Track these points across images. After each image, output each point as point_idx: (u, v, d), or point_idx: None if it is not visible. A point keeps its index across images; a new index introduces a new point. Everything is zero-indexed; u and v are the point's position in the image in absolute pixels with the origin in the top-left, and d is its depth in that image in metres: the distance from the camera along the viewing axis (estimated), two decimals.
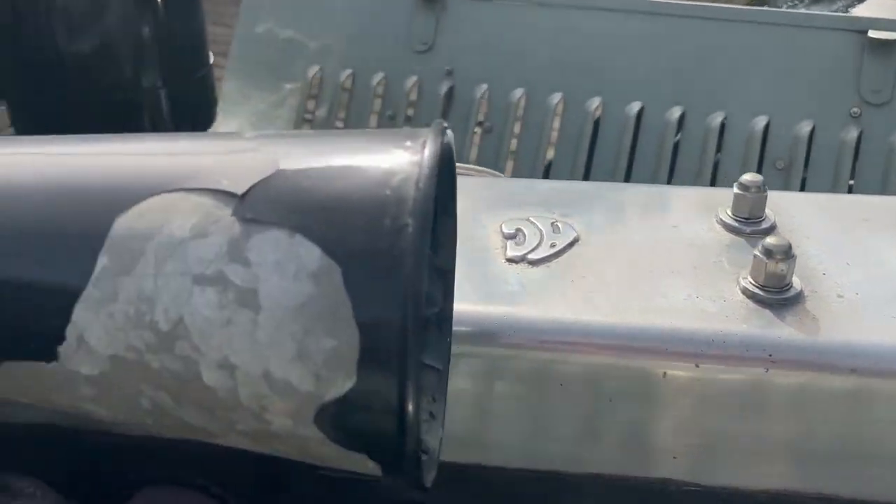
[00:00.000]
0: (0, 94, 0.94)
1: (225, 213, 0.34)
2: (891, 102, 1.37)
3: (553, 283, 0.60)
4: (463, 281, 0.54)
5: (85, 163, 0.36)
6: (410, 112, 1.63)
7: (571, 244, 0.64)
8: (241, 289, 0.33)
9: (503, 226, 0.66)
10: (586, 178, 1.50)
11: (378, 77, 1.63)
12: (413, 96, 1.62)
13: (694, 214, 0.69)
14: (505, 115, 1.54)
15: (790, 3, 1.82)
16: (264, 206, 0.33)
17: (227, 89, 1.62)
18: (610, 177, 1.47)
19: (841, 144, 1.38)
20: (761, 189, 0.66)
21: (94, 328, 0.34)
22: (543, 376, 0.57)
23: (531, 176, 1.52)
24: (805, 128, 1.41)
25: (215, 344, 0.33)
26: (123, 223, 0.34)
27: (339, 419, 0.34)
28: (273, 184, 0.34)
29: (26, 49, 0.96)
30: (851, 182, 1.37)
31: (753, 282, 0.59)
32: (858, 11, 1.66)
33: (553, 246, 0.64)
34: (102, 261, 0.34)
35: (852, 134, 1.37)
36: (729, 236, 0.66)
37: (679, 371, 0.57)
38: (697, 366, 0.55)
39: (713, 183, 1.44)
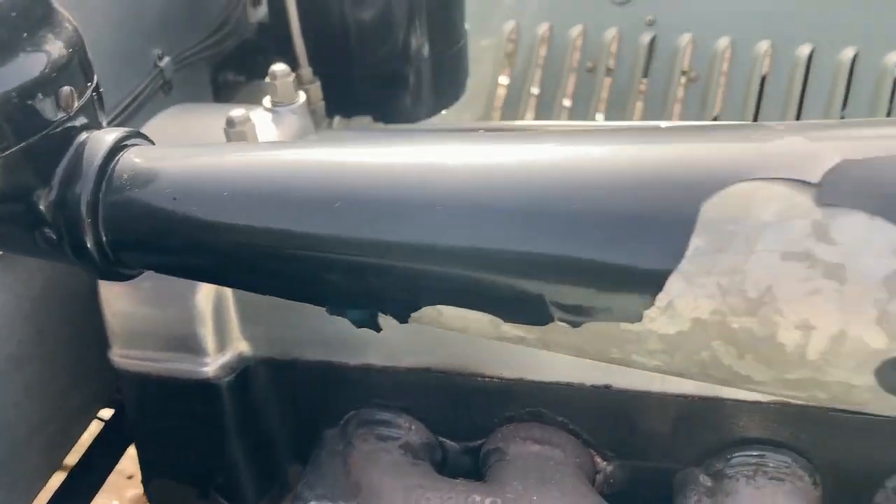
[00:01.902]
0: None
1: (804, 199, 0.40)
2: None
3: None
4: None
5: (655, 156, 0.43)
6: (611, 63, 1.66)
7: None
8: (828, 263, 0.39)
9: None
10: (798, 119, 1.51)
11: (577, 29, 1.67)
12: (613, 48, 1.65)
13: None
14: (711, 65, 1.56)
15: None
16: (841, 192, 0.39)
17: None
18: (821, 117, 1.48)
19: None
20: None
21: (685, 295, 0.41)
22: None
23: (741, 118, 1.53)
24: None
25: (798, 309, 0.40)
26: (711, 209, 0.41)
27: None
28: (841, 172, 0.40)
29: (319, 22, 1.04)
30: None
31: None
32: None
33: None
34: (696, 241, 0.41)
35: None
36: None
37: None
38: None
39: None
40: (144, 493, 0.88)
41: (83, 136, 0.56)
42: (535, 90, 1.72)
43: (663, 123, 0.78)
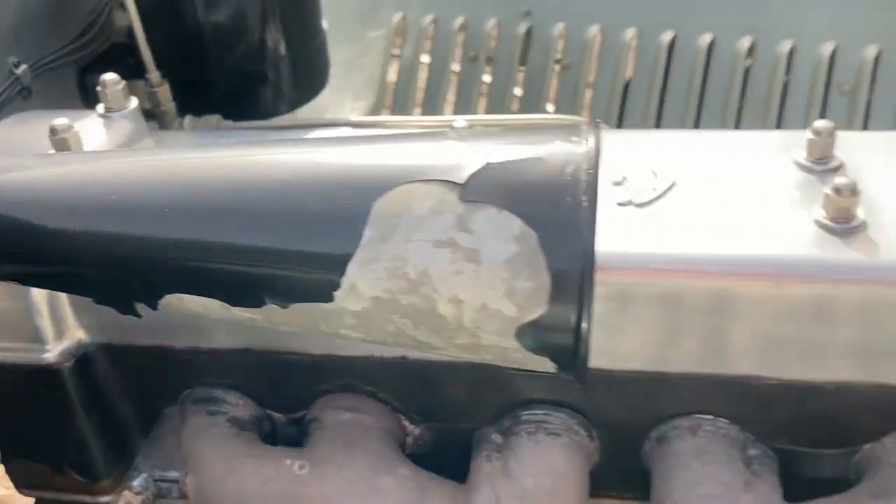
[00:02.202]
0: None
1: (451, 197, 0.48)
2: None
3: (650, 222, 0.73)
4: None
5: (342, 161, 0.51)
6: (492, 52, 1.74)
7: (670, 188, 0.77)
8: (468, 249, 0.47)
9: (610, 174, 0.79)
10: (660, 108, 1.60)
11: (458, 21, 1.74)
12: (493, 37, 1.72)
13: (773, 156, 0.81)
14: (581, 53, 1.64)
15: None
16: (479, 191, 0.48)
17: None
18: (683, 106, 1.57)
19: None
20: (831, 133, 0.78)
21: (362, 279, 0.49)
22: (655, 298, 0.71)
23: (607, 108, 1.63)
24: (871, 51, 1.48)
25: (448, 287, 0.48)
26: (380, 206, 0.49)
27: (532, 335, 0.49)
28: (482, 175, 0.48)
29: (173, 25, 1.10)
30: None
31: (824, 215, 0.71)
32: None
33: (655, 190, 0.78)
34: (368, 233, 0.49)
35: None
36: (803, 175, 0.78)
37: (760, 288, 0.70)
38: (776, 284, 0.69)
39: (782, 108, 1.53)
40: (6, 472, 0.95)
41: None
42: (422, 79, 1.79)
43: (462, 118, 0.85)
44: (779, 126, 1.53)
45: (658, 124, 1.60)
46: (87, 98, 1.21)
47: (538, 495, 0.78)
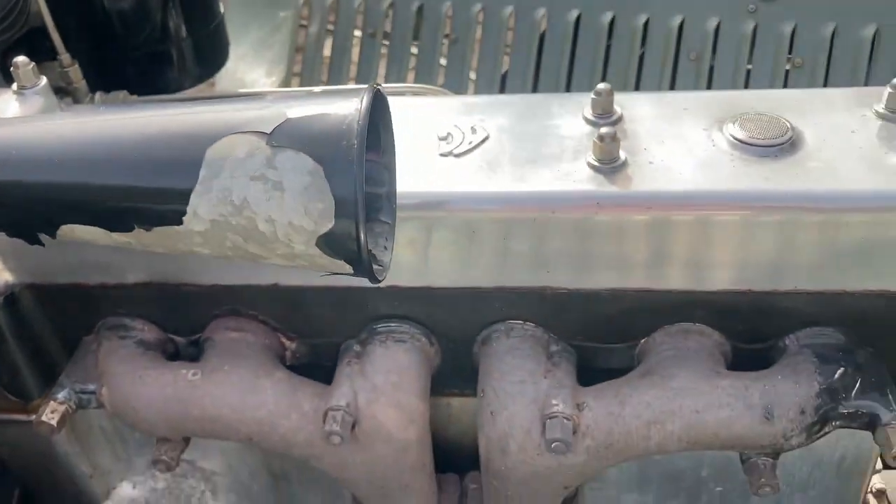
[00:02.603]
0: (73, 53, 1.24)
1: (262, 143, 0.66)
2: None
3: (463, 169, 0.93)
4: (410, 170, 0.88)
5: (187, 119, 0.69)
6: (388, 28, 1.92)
7: (483, 141, 0.97)
8: (275, 182, 0.66)
9: (438, 131, 0.99)
10: (536, 74, 1.80)
11: (357, 0, 1.92)
12: (388, 15, 1.90)
13: (569, 115, 1.00)
14: (466, 28, 1.83)
15: None
16: (282, 138, 0.66)
17: (230, 22, 1.91)
18: (556, 73, 1.77)
19: (740, 37, 1.67)
20: (610, 94, 0.98)
21: (201, 206, 0.67)
22: (462, 227, 0.91)
23: (490, 78, 1.82)
24: (712, 23, 1.69)
25: (263, 210, 0.67)
26: (211, 152, 0.67)
27: (327, 244, 0.67)
28: (284, 126, 0.67)
29: (82, 10, 1.26)
30: (749, 66, 1.67)
31: (594, 158, 0.91)
32: None
33: (471, 143, 0.97)
34: (203, 172, 0.67)
35: (749, 27, 1.66)
36: (589, 128, 0.98)
37: (538, 216, 0.90)
38: (553, 212, 0.89)
39: (640, 73, 1.74)
40: None
41: None
42: (326, 53, 1.97)
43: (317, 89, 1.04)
44: (637, 88, 1.74)
45: (535, 88, 1.80)
46: (6, 77, 1.37)
47: (386, 388, 0.97)
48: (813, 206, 0.87)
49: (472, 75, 1.85)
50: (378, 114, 0.74)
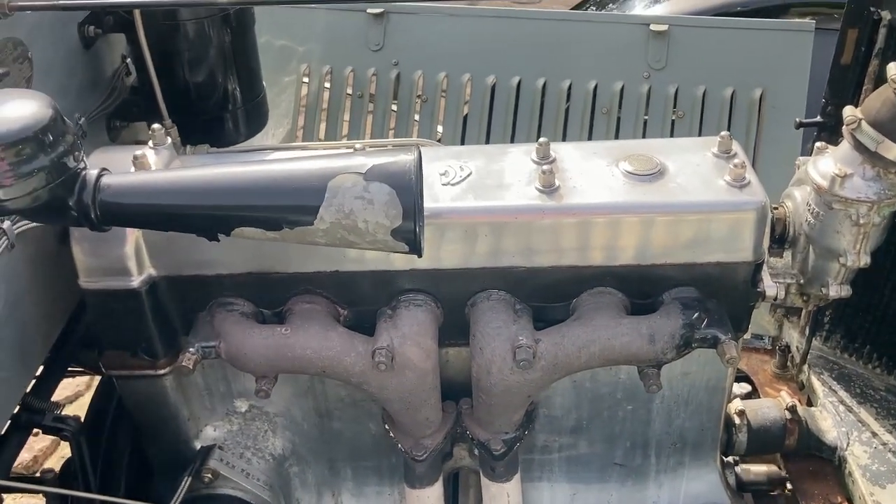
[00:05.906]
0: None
1: (360, 178, 1.20)
2: (665, 68, 2.25)
3: (457, 193, 1.47)
4: (425, 194, 1.42)
5: (312, 164, 1.22)
6: (372, 91, 2.46)
7: (468, 175, 1.52)
8: (368, 199, 1.19)
9: (439, 169, 1.53)
10: (489, 126, 2.36)
11: (348, 69, 2.46)
12: (373, 80, 2.45)
13: (522, 157, 1.56)
14: (434, 91, 2.39)
15: (607, 6, 2.69)
16: (372, 175, 1.19)
17: None
18: (503, 127, 2.34)
19: (639, 96, 2.27)
20: (547, 144, 1.54)
21: (325, 214, 1.20)
22: (459, 229, 1.45)
23: (454, 128, 2.37)
24: (618, 85, 2.29)
25: (361, 215, 1.19)
26: (332, 183, 1.20)
27: (397, 234, 1.20)
28: (373, 169, 1.20)
29: (168, 85, 1.77)
30: (646, 117, 2.27)
31: (538, 184, 1.47)
32: (658, 10, 2.53)
33: (461, 177, 1.52)
34: (327, 194, 1.19)
35: (645, 88, 2.26)
36: (535, 166, 1.53)
37: (512, 220, 1.45)
38: (515, 218, 1.44)
39: (566, 125, 2.32)
40: (100, 362, 1.59)
41: (83, 171, 1.28)
42: (323, 111, 2.50)
43: (358, 143, 1.58)
44: (564, 138, 2.32)
45: (488, 136, 2.36)
46: (111, 134, 1.87)
47: (411, 334, 1.50)
48: (671, 211, 1.45)
49: (440, 128, 2.41)
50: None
